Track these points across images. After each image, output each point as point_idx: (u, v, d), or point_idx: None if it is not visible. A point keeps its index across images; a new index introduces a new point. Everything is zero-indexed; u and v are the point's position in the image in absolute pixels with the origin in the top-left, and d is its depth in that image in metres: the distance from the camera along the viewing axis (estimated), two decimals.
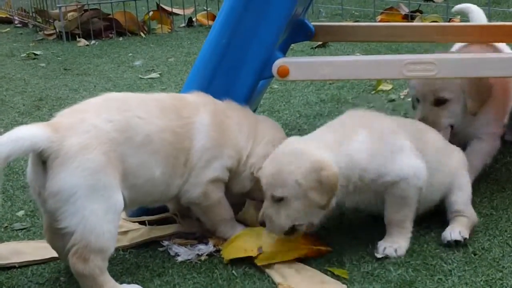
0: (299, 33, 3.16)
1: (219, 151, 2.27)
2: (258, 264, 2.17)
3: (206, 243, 2.32)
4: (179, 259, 2.26)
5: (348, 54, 5.01)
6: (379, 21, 5.94)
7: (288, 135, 3.45)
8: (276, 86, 4.21)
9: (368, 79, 3.96)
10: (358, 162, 2.15)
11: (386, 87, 4.09)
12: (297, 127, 3.53)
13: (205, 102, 2.32)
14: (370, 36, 3.36)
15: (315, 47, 5.26)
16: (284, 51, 3.15)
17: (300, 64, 2.54)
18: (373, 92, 4.05)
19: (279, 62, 2.49)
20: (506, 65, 2.47)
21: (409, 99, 3.89)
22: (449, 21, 5.66)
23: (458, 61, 2.52)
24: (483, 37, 3.32)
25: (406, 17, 5.95)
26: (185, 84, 2.55)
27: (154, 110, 2.18)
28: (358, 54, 5.00)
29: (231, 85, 2.47)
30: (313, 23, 3.23)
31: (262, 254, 2.19)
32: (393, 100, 3.88)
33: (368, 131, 2.20)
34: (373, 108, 2.48)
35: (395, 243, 2.20)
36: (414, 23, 4.24)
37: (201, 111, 2.27)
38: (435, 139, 2.41)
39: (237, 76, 2.47)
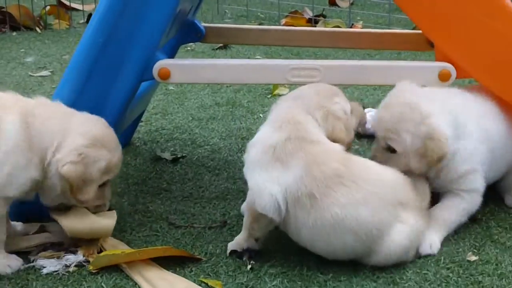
0: (188, 34, 3.07)
1: (25, 158, 2.07)
2: (92, 267, 2.14)
3: (75, 253, 2.19)
4: (45, 271, 2.12)
5: (248, 57, 4.96)
6: (283, 24, 5.93)
7: (179, 138, 3.43)
8: (171, 88, 4.11)
9: (252, 84, 3.90)
10: None
11: (283, 91, 4.05)
12: (188, 130, 3.45)
13: (16, 100, 2.16)
14: (262, 40, 3.30)
15: (216, 49, 5.18)
16: (172, 52, 3.06)
17: (182, 67, 2.45)
18: (269, 96, 4.01)
19: (160, 64, 2.40)
20: (387, 73, 2.48)
21: None
22: (351, 27, 5.72)
23: (341, 67, 2.51)
24: (377, 44, 3.35)
25: (310, 21, 5.98)
26: (58, 87, 2.40)
27: None
28: (258, 57, 4.96)
29: (108, 87, 2.34)
30: (203, 24, 3.16)
31: (100, 255, 2.16)
32: None
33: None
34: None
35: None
36: (308, 28, 4.19)
37: (7, 111, 2.09)
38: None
39: (114, 78, 2.35)
